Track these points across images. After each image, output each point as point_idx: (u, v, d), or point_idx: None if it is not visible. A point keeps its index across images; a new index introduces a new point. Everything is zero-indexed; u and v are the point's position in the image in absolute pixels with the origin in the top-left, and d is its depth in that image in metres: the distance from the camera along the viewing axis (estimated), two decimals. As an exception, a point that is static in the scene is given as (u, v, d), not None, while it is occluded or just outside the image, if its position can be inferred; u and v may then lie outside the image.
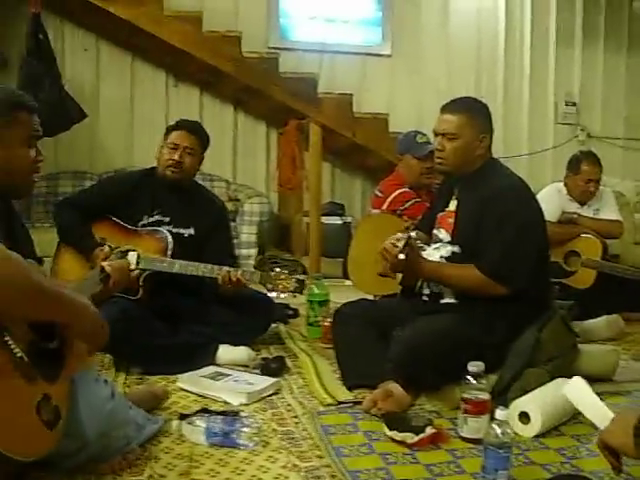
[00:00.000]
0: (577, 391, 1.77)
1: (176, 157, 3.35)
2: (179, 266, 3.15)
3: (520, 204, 2.82)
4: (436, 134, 2.96)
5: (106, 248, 2.89)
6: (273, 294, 3.15)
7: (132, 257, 2.98)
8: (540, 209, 2.95)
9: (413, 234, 2.81)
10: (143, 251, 3.14)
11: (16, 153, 2.06)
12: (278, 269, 3.13)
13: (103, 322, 1.99)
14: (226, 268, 3.13)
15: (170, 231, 3.32)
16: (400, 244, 2.68)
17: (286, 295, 3.13)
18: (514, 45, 7.48)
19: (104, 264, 2.46)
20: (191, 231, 3.42)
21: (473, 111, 2.93)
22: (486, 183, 2.86)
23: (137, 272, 3.01)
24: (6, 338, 1.70)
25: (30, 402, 1.70)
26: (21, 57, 5.49)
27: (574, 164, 4.56)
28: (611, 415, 1.54)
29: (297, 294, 3.15)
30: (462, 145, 2.87)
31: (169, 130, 3.46)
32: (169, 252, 3.25)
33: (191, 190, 3.50)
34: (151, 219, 3.36)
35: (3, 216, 1.94)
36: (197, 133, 3.45)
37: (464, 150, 2.88)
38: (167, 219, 3.37)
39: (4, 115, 2.03)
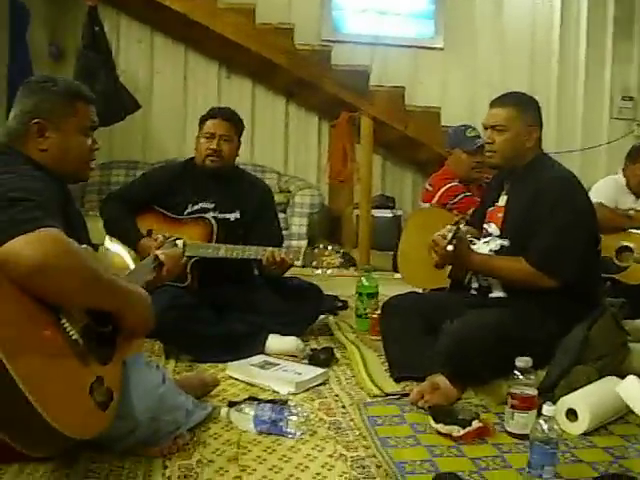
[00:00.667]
0: (631, 390, 1.76)
1: (214, 146, 3.37)
2: (224, 250, 3.19)
3: (569, 196, 2.81)
4: (485, 127, 2.98)
5: (159, 237, 2.93)
6: (318, 271, 3.15)
7: (179, 245, 3.03)
8: (590, 202, 2.94)
9: (462, 226, 2.80)
10: (188, 238, 3.17)
11: (74, 141, 2.13)
12: (321, 245, 3.15)
13: (152, 311, 2.07)
14: (270, 248, 3.15)
15: (215, 217, 3.36)
16: (449, 236, 2.69)
17: (331, 271, 3.13)
18: (569, 37, 7.40)
19: (158, 252, 2.50)
20: (237, 215, 3.44)
21: (521, 104, 2.94)
22: (535, 176, 2.86)
23: (184, 260, 3.06)
24: (62, 321, 1.75)
25: (84, 384, 1.75)
26: (77, 49, 5.60)
27: (634, 153, 4.48)
28: None
29: (343, 270, 3.14)
30: (511, 137, 2.88)
31: (203, 119, 3.46)
32: (214, 237, 3.29)
33: (233, 175, 3.51)
34: (195, 207, 3.40)
35: (61, 201, 2.00)
36: (231, 119, 3.45)
37: (513, 142, 2.89)
38: (211, 205, 3.40)
39: (64, 105, 2.10)
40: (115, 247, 2.94)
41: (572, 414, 2.40)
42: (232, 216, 3.44)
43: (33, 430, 1.59)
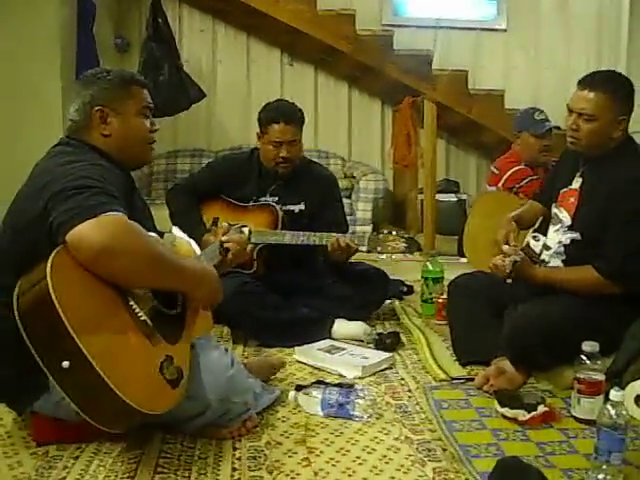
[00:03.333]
0: None
1: (284, 154, 3.37)
2: (290, 237, 3.23)
3: None
4: (571, 111, 2.73)
5: (225, 224, 2.99)
6: (383, 256, 3.16)
7: (245, 232, 3.09)
8: None
9: (520, 258, 2.70)
10: (254, 226, 3.22)
11: (133, 123, 2.22)
12: (386, 231, 3.16)
13: (220, 283, 2.17)
14: (335, 234, 3.18)
15: (281, 209, 3.40)
16: (507, 268, 2.66)
17: (396, 256, 3.14)
18: (639, 15, 7.16)
19: (224, 238, 2.56)
20: (301, 206, 3.47)
21: (615, 91, 2.67)
22: (618, 167, 2.68)
23: (250, 246, 3.12)
24: (131, 303, 1.84)
25: (154, 362, 1.82)
26: (142, 41, 5.71)
27: None
28: None
29: (408, 254, 3.15)
30: (599, 127, 2.66)
31: (266, 122, 3.41)
32: (279, 224, 3.33)
33: (298, 169, 3.51)
34: (258, 202, 3.44)
35: (125, 189, 2.07)
36: (294, 120, 3.41)
37: (601, 132, 2.68)
38: (275, 199, 3.43)
39: (120, 90, 2.20)
40: (182, 234, 3.00)
41: (640, 400, 2.38)
42: (297, 208, 3.47)
43: (107, 406, 1.67)
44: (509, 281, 2.70)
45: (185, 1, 6.50)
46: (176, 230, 2.43)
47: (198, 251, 2.35)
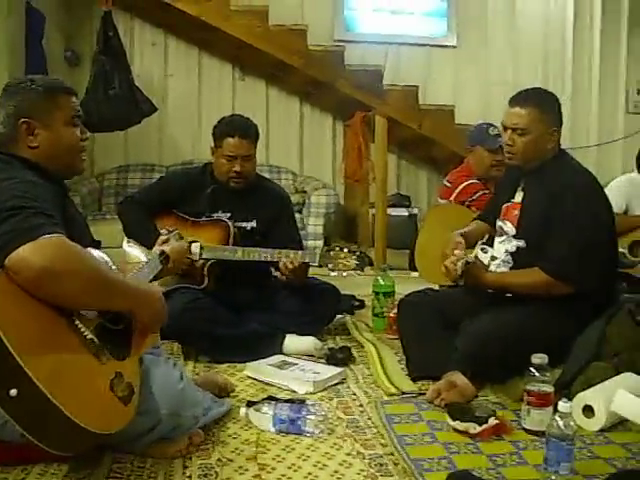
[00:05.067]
0: (625, 404, 1.76)
1: (237, 168, 3.35)
2: (241, 253, 3.21)
3: (590, 202, 2.78)
4: (505, 128, 2.91)
5: (163, 231, 2.97)
6: (334, 273, 3.17)
7: (195, 248, 3.07)
8: (610, 206, 2.92)
9: (471, 258, 2.79)
10: (206, 241, 3.21)
11: (62, 133, 2.16)
12: (337, 248, 3.16)
13: (164, 304, 2.13)
14: (286, 251, 3.18)
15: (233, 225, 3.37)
16: (459, 270, 2.72)
17: (347, 274, 3.14)
18: (583, 31, 7.32)
19: (163, 247, 2.56)
20: (253, 224, 3.45)
21: (544, 104, 2.88)
22: (555, 177, 2.83)
23: (201, 262, 3.10)
24: (76, 322, 1.81)
25: (104, 380, 1.80)
26: (93, 54, 5.65)
27: None
28: None
29: (359, 272, 3.16)
30: (532, 140, 2.83)
31: (220, 136, 3.40)
32: (231, 240, 3.31)
33: (251, 183, 3.49)
34: (210, 217, 3.41)
35: (60, 202, 2.04)
36: (249, 135, 3.40)
37: (534, 145, 2.84)
38: (227, 215, 3.40)
39: (46, 100, 2.14)
40: (132, 249, 2.98)
41: (589, 410, 2.41)
42: (248, 225, 3.45)
43: (58, 428, 1.63)
44: (461, 283, 2.72)
45: (137, 15, 6.45)
46: (127, 245, 2.42)
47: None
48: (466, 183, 4.25)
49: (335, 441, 2.28)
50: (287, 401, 2.46)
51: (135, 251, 2.93)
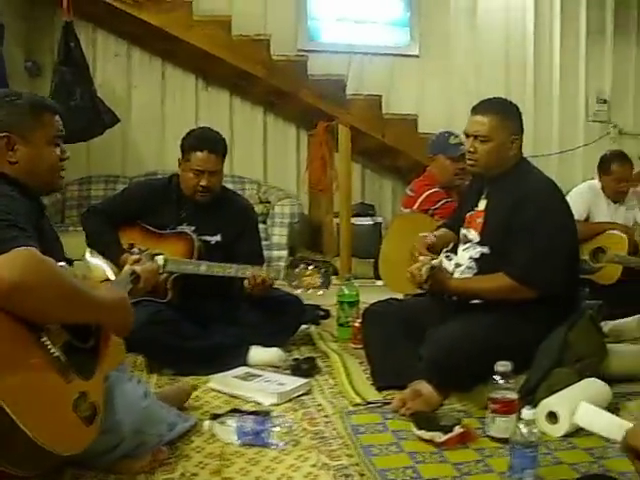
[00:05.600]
0: (587, 417, 1.77)
1: (204, 183, 3.31)
2: (205, 267, 3.20)
3: (551, 207, 2.81)
4: (467, 135, 2.96)
5: (136, 251, 2.94)
6: (299, 291, 3.17)
7: (159, 260, 3.04)
8: (571, 213, 2.96)
9: (436, 262, 2.80)
10: (170, 254, 3.19)
11: (43, 152, 2.13)
12: (303, 265, 3.15)
13: (132, 312, 2.12)
14: (250, 267, 3.17)
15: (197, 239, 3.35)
16: (423, 274, 2.72)
17: (312, 291, 3.14)
18: (544, 42, 7.45)
19: (135, 267, 2.52)
20: (217, 238, 3.43)
21: (505, 113, 2.92)
22: (517, 184, 2.86)
23: (165, 275, 3.07)
24: (43, 339, 1.76)
25: (68, 399, 1.76)
26: (54, 65, 5.59)
27: (604, 164, 4.54)
28: (627, 424, 1.54)
29: (324, 289, 3.15)
30: (494, 147, 2.86)
31: (188, 149, 3.36)
32: (195, 253, 3.29)
33: (217, 196, 3.45)
34: (177, 230, 3.38)
35: (35, 217, 2.01)
36: (218, 150, 3.37)
37: (496, 152, 2.87)
38: (192, 228, 3.37)
39: (30, 117, 2.11)
40: (95, 260, 2.95)
41: (553, 416, 2.43)
42: (213, 239, 3.42)
43: (19, 448, 1.60)
44: (426, 287, 2.74)
45: (99, 25, 6.39)
46: (90, 256, 2.39)
47: (112, 276, 2.31)
48: (429, 192, 4.26)
49: (300, 453, 2.26)
50: (252, 413, 2.45)
51: (98, 261, 2.90)
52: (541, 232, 2.74)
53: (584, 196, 4.48)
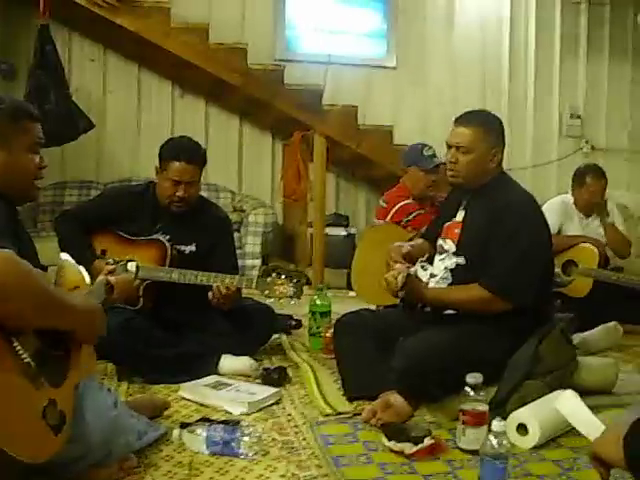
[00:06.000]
0: (569, 405, 1.78)
1: (180, 193, 3.28)
2: (177, 275, 3.18)
3: (529, 221, 2.84)
4: (449, 146, 2.96)
5: (111, 261, 2.91)
6: (270, 300, 3.16)
7: (131, 267, 3.02)
8: (547, 226, 2.98)
9: (412, 270, 2.81)
10: (142, 261, 3.15)
11: (21, 159, 2.11)
12: (275, 274, 3.14)
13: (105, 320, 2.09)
14: (222, 275, 3.16)
15: (171, 247, 3.33)
16: (399, 282, 2.72)
17: (284, 301, 3.13)
18: (518, 57, 7.54)
19: (110, 278, 2.49)
20: (192, 248, 3.40)
21: (488, 125, 2.94)
22: (496, 197, 2.88)
23: (137, 282, 3.04)
24: (15, 344, 1.73)
25: (37, 407, 1.74)
26: (29, 68, 5.55)
27: (578, 177, 4.59)
28: (603, 427, 1.55)
29: (295, 299, 3.14)
30: (475, 159, 2.88)
31: (166, 158, 3.32)
32: (167, 261, 3.27)
33: (193, 206, 3.42)
34: (150, 237, 3.35)
35: (10, 222, 1.99)
36: (196, 161, 3.34)
37: (477, 164, 2.89)
38: (167, 237, 3.34)
39: (10, 123, 2.08)
40: (68, 259, 2.93)
41: (523, 429, 2.43)
42: (188, 249, 3.40)
43: None
44: (400, 294, 2.73)
45: (75, 29, 6.36)
46: (65, 256, 2.36)
47: (88, 279, 2.28)
48: (402, 203, 4.28)
49: (270, 463, 2.25)
50: (221, 422, 2.43)
51: (71, 261, 2.87)
52: (518, 245, 2.75)
53: (556, 209, 4.52)
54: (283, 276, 3.13)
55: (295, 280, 3.13)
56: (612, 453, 1.38)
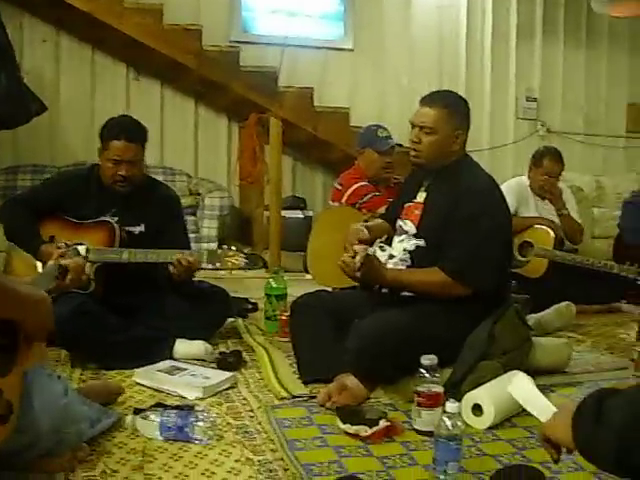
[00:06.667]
0: (521, 388, 1.79)
1: (122, 172, 3.24)
2: (128, 254, 3.14)
3: (490, 206, 2.83)
4: (413, 126, 2.94)
5: (62, 245, 2.86)
6: (223, 272, 3.13)
7: (81, 250, 2.97)
8: (508, 210, 2.99)
9: (371, 250, 2.76)
10: (91, 244, 3.12)
11: None
12: (225, 246, 3.12)
13: (52, 311, 2.02)
14: (172, 251, 3.13)
15: (120, 228, 3.28)
16: (357, 262, 2.69)
17: (236, 272, 3.10)
18: (475, 40, 7.58)
19: (62, 261, 2.44)
20: (141, 228, 3.36)
21: (453, 106, 2.92)
22: (457, 179, 2.87)
23: (87, 265, 2.99)
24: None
25: (-18, 397, 1.69)
26: (-23, 50, 5.43)
27: (537, 159, 4.63)
28: (554, 409, 1.56)
29: (248, 270, 3.12)
30: (438, 140, 2.86)
31: (106, 138, 3.28)
32: (117, 243, 3.22)
33: (139, 186, 3.38)
34: (98, 219, 3.30)
35: None
36: (137, 139, 3.30)
37: (440, 145, 2.87)
38: (115, 219, 3.29)
39: None
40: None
41: (478, 409, 2.45)
42: (137, 229, 3.35)
43: None
44: (358, 274, 2.72)
45: (26, 9, 6.21)
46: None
47: (39, 265, 2.23)
48: (357, 185, 4.27)
49: (224, 447, 2.23)
50: (175, 408, 2.41)
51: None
52: (478, 230, 2.75)
53: (512, 191, 4.54)
54: (234, 247, 3.12)
55: (246, 251, 3.13)
56: (561, 434, 1.39)
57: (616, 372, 3.21)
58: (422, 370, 2.34)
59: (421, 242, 2.90)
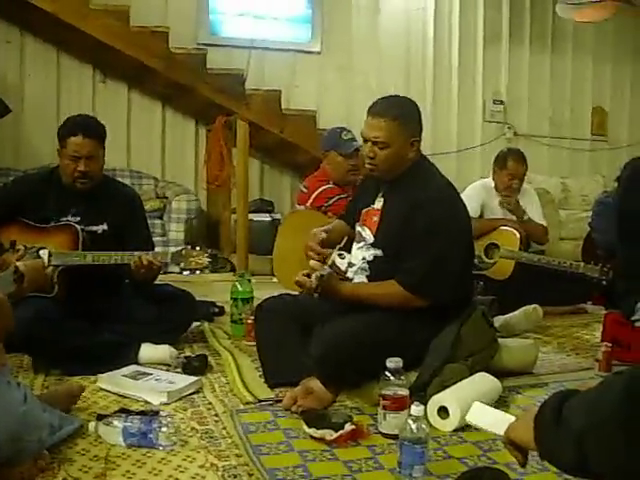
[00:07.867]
0: (478, 416, 1.79)
1: (81, 168, 3.21)
2: (91, 257, 3.10)
3: (447, 217, 2.76)
4: (365, 140, 2.86)
5: (21, 248, 2.82)
6: (187, 272, 3.11)
7: (43, 255, 2.93)
8: (467, 215, 2.95)
9: (326, 272, 2.72)
10: (54, 247, 3.08)
11: None
12: (189, 246, 3.11)
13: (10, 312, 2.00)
14: (137, 253, 3.10)
15: (82, 229, 3.24)
16: (313, 284, 2.67)
17: (200, 272, 3.08)
18: (443, 44, 7.63)
19: (18, 264, 2.41)
20: (104, 227, 3.33)
21: (403, 116, 2.82)
22: (415, 186, 2.81)
23: (50, 269, 2.95)
24: None
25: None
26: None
27: (500, 160, 4.65)
28: (511, 418, 1.55)
29: (213, 271, 3.10)
30: (393, 152, 2.78)
31: (64, 135, 3.26)
32: (80, 245, 3.18)
33: (99, 185, 3.35)
34: (59, 223, 3.26)
35: None
36: (93, 134, 3.27)
37: (395, 156, 2.80)
38: (77, 219, 3.27)
39: None
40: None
41: (444, 411, 2.45)
42: (99, 228, 3.32)
43: None
44: (315, 296, 2.71)
45: (-11, 9, 6.16)
46: None
47: None
48: (322, 188, 4.27)
49: (188, 453, 2.21)
50: (139, 413, 2.37)
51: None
52: (435, 243, 2.70)
53: (478, 193, 4.57)
54: (198, 247, 3.11)
55: (210, 251, 3.11)
56: (523, 435, 1.39)
57: (581, 373, 3.23)
58: (387, 373, 2.33)
59: (379, 252, 2.85)
